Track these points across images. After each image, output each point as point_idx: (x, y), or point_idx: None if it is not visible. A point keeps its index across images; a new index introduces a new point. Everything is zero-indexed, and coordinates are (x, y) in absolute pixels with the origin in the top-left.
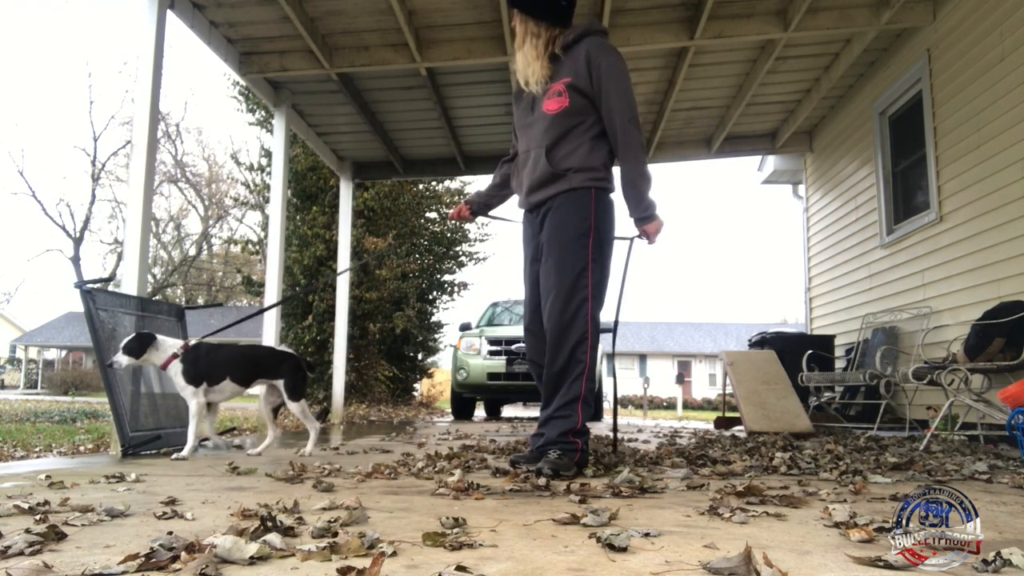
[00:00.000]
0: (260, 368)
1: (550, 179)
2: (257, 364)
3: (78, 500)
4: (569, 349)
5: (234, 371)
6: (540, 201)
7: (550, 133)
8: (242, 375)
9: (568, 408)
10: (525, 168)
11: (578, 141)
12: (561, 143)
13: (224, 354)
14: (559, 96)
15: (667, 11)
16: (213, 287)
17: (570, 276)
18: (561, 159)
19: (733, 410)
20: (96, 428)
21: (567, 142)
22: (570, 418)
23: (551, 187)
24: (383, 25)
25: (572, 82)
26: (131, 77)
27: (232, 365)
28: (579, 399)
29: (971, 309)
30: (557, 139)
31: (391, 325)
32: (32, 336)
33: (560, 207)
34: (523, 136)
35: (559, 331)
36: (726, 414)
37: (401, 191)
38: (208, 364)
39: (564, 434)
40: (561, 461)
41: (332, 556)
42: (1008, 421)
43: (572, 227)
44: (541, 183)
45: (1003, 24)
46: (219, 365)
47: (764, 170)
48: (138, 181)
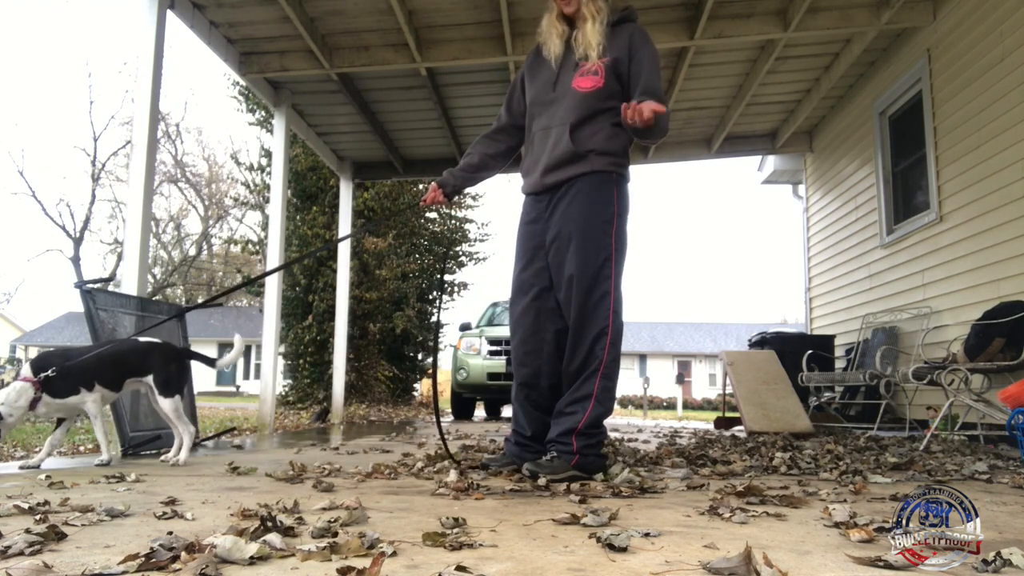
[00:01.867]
0: (127, 366)
1: (571, 159)
2: (122, 362)
3: (78, 500)
4: (589, 343)
5: (101, 375)
6: (556, 183)
7: (577, 111)
8: (111, 378)
9: (575, 405)
10: (544, 147)
11: (601, 124)
12: (586, 123)
13: (84, 361)
14: (595, 75)
15: (667, 11)
16: (213, 287)
17: (593, 265)
18: (584, 139)
19: (733, 410)
20: None
21: (592, 123)
22: (574, 415)
23: (570, 167)
24: (383, 25)
25: (610, 63)
26: (131, 77)
27: (98, 369)
28: (591, 396)
29: (971, 309)
30: (583, 119)
31: (391, 325)
32: (32, 336)
33: (581, 191)
34: (541, 113)
35: (579, 322)
36: (726, 414)
37: (401, 191)
38: (72, 376)
39: (564, 434)
40: (550, 464)
41: (332, 556)
42: (1008, 421)
43: (596, 213)
44: (560, 162)
45: (1003, 24)
46: (84, 374)
47: (764, 170)
48: (138, 181)
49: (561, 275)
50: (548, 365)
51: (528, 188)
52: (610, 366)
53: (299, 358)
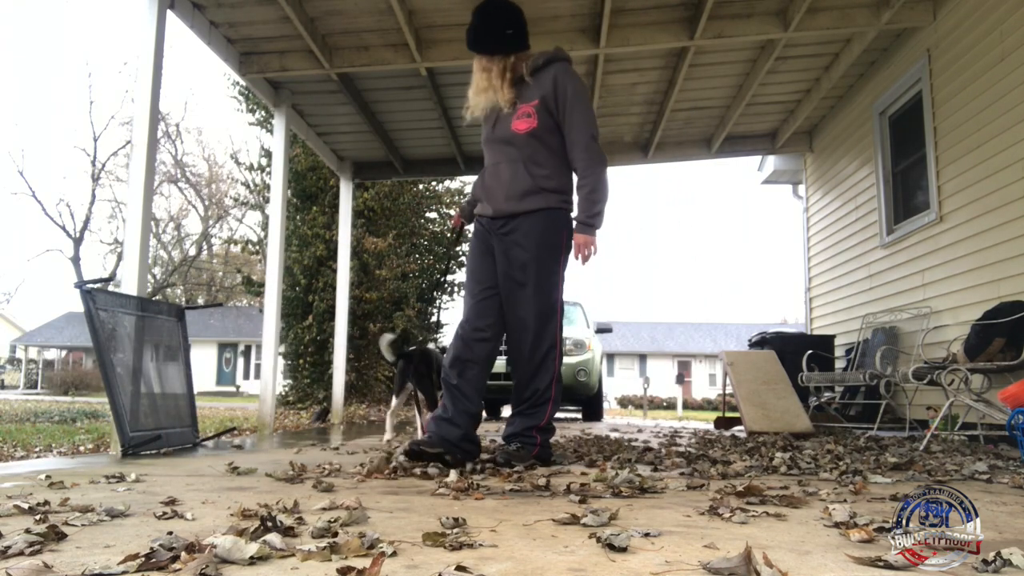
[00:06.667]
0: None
1: (530, 192)
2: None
3: (78, 500)
4: (541, 357)
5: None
6: (515, 212)
7: (524, 150)
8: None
9: (536, 408)
10: (496, 179)
11: (552, 163)
12: (537, 162)
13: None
14: (528, 117)
15: (667, 11)
16: (213, 287)
17: (546, 294)
18: (537, 175)
19: (733, 410)
20: (96, 428)
21: (542, 163)
22: (535, 415)
23: (530, 200)
24: (383, 25)
25: (540, 104)
26: (131, 77)
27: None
28: (549, 401)
29: (971, 309)
30: (531, 157)
31: (391, 325)
32: (32, 336)
33: (536, 225)
34: (490, 151)
35: (535, 341)
36: (726, 414)
37: (401, 191)
38: None
39: (528, 429)
40: (518, 453)
41: (332, 556)
42: (1008, 421)
43: (550, 247)
44: (522, 194)
45: (1003, 24)
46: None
47: (764, 170)
48: (138, 181)
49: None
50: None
51: (486, 212)
52: (560, 373)
53: (299, 358)
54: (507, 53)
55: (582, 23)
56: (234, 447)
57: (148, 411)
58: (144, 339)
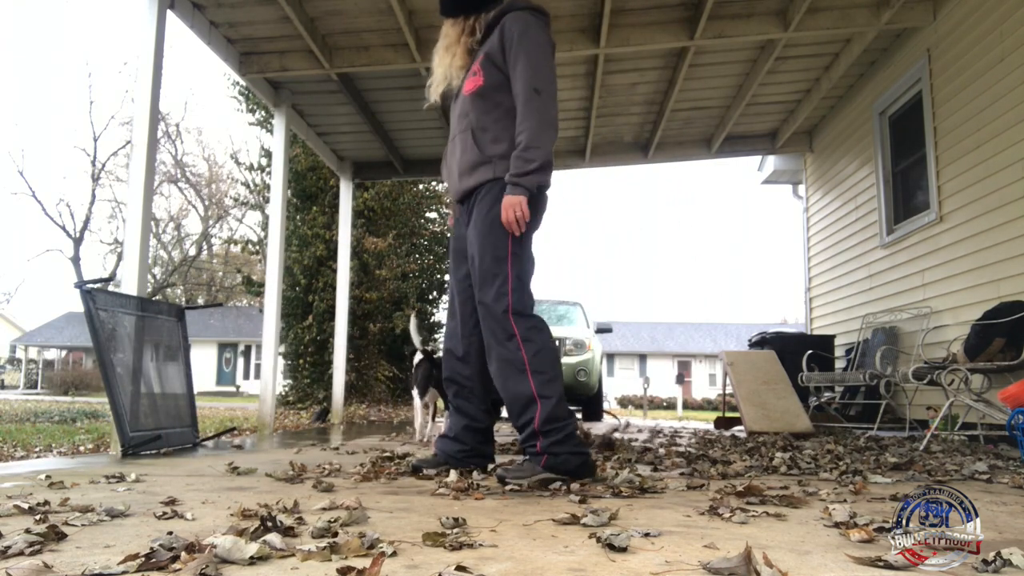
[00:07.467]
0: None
1: (478, 164)
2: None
3: (78, 500)
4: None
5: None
6: (469, 189)
7: (470, 116)
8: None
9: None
10: (452, 155)
11: (500, 125)
12: (483, 127)
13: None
14: (474, 76)
15: (667, 11)
16: (213, 287)
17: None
18: (486, 144)
19: (733, 410)
20: (96, 428)
21: (489, 126)
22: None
23: (477, 173)
24: (383, 25)
25: (485, 59)
26: (131, 77)
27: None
28: (532, 398)
29: (971, 309)
30: (478, 122)
31: (391, 325)
32: (32, 336)
33: (483, 204)
34: (452, 126)
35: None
36: (726, 414)
37: (401, 191)
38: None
39: (529, 437)
40: (519, 468)
41: (332, 556)
42: (1008, 421)
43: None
44: (470, 167)
45: (1003, 24)
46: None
47: (764, 170)
48: (138, 181)
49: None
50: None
51: (451, 195)
52: (534, 361)
53: (299, 358)
54: (467, 13)
55: (582, 23)
56: (234, 447)
57: (148, 411)
58: (144, 339)
